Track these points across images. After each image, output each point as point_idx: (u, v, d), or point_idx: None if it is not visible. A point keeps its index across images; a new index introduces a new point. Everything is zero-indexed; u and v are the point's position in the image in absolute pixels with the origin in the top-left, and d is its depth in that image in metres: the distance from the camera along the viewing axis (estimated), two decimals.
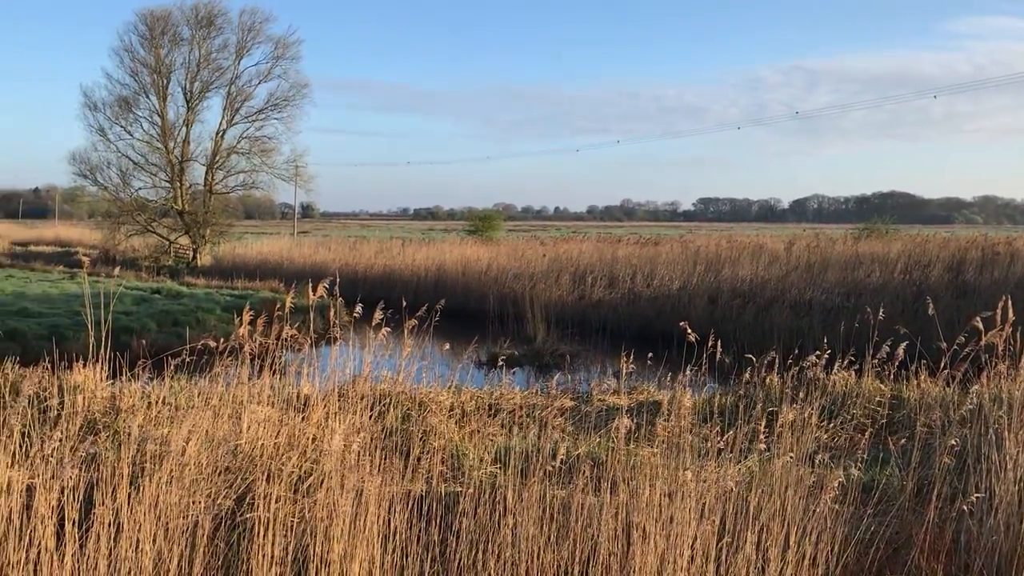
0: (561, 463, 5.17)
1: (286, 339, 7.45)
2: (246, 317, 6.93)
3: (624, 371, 6.23)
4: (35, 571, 3.95)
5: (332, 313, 7.41)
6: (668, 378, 11.14)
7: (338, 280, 7.15)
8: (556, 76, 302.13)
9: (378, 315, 6.52)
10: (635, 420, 6.50)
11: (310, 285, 7.20)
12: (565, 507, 4.89)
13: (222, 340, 7.32)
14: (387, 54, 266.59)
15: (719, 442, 5.23)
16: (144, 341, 13.16)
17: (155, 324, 19.70)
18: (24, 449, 4.93)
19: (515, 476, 5.07)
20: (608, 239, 39.72)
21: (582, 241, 38.32)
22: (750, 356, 6.57)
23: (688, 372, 6.31)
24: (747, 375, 6.22)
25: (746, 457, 5.91)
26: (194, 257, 42.92)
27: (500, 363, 10.83)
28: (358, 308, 7.09)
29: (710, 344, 6.20)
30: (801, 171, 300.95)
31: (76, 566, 3.98)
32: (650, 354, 6.93)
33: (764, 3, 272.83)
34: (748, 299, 22.48)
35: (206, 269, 38.40)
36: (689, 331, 6.04)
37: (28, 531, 4.03)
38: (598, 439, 7.85)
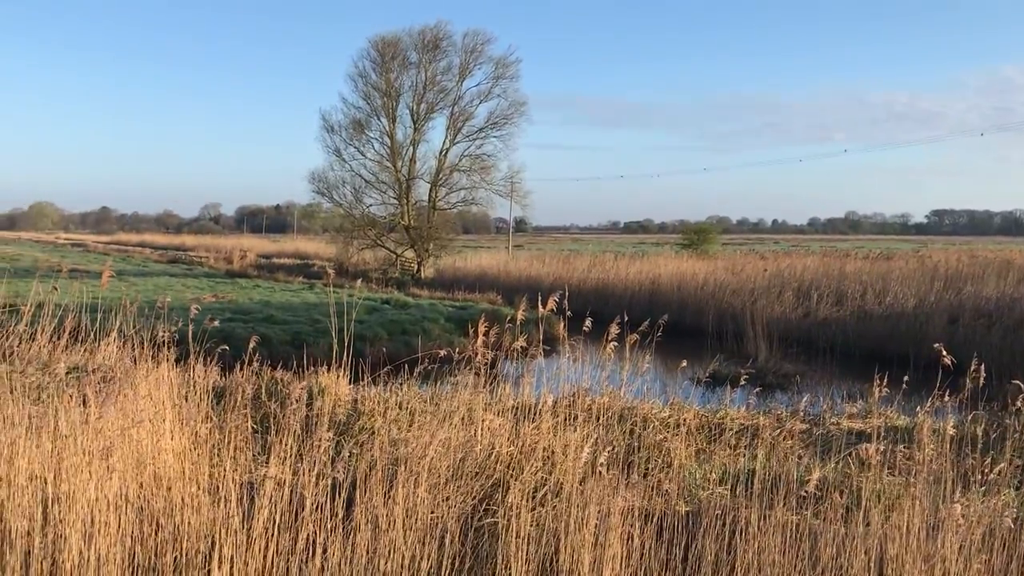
0: (804, 488, 4.94)
1: (517, 350, 7.63)
2: (481, 328, 7.18)
3: (877, 395, 5.86)
4: (305, 561, 4.26)
5: (562, 327, 7.53)
6: (908, 402, 10.43)
7: (553, 293, 7.25)
8: (773, 84, 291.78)
9: (614, 329, 6.53)
10: (877, 446, 6.12)
11: (540, 299, 7.36)
12: (811, 534, 4.66)
13: (456, 350, 7.61)
14: (600, 68, 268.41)
15: (987, 474, 4.80)
16: (385, 348, 13.93)
17: (386, 332, 20.83)
18: (287, 447, 5.33)
19: (754, 499, 4.90)
20: (833, 253, 37.88)
21: (805, 255, 36.77)
22: (1019, 382, 6.00)
23: (945, 397, 5.84)
24: (1019, 403, 5.67)
25: (998, 491, 5.39)
26: (418, 270, 45.05)
27: (728, 381, 10.54)
28: (587, 322, 7.17)
29: (972, 369, 5.70)
30: None
31: (341, 559, 4.26)
32: (905, 377, 6.48)
33: None
34: (994, 319, 20.63)
35: (429, 281, 40.25)
36: (945, 354, 5.60)
37: (297, 524, 4.35)
38: (834, 465, 7.47)
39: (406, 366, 9.50)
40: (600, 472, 4.79)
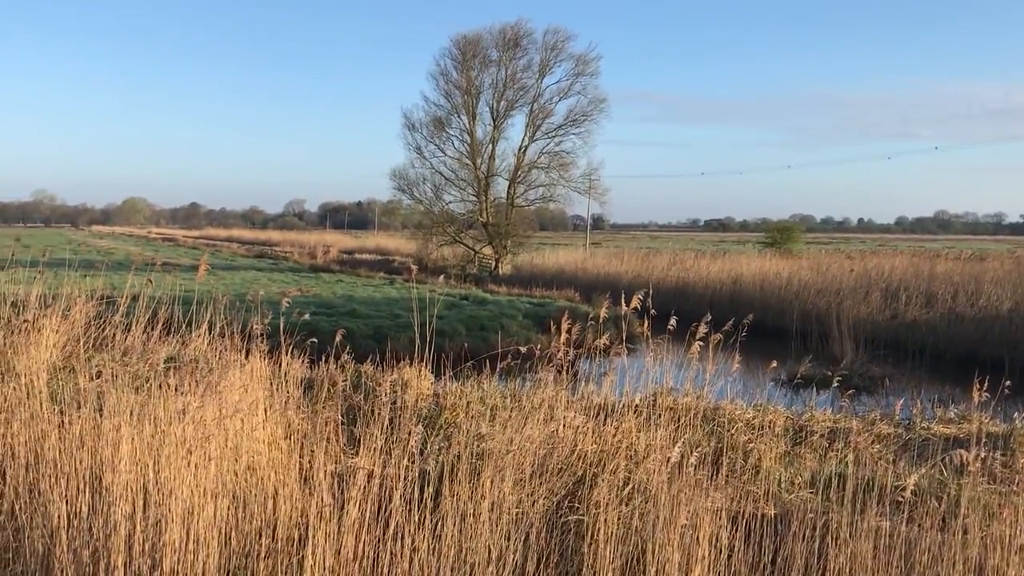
0: (900, 493, 4.81)
1: (598, 348, 7.61)
2: (564, 326, 7.19)
3: (977, 399, 5.67)
4: (395, 555, 4.34)
5: (644, 326, 7.49)
6: (1003, 407, 10.05)
7: (632, 292, 7.19)
8: (858, 80, 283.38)
9: (702, 329, 6.47)
10: (977, 451, 5.91)
11: (622, 297, 7.32)
12: (905, 541, 4.54)
13: (537, 346, 7.63)
14: (679, 64, 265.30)
15: None
16: (465, 344, 14.09)
17: (464, 328, 20.98)
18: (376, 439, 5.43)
19: (845, 503, 4.79)
20: (923, 253, 36.70)
21: (893, 255, 35.70)
22: None
23: None
24: None
25: None
26: (496, 266, 45.25)
27: (814, 383, 10.34)
28: (672, 321, 7.11)
29: None
30: None
31: (429, 551, 4.32)
32: (1007, 382, 6.26)
33: None
34: None
35: (507, 277, 40.38)
36: None
37: (386, 514, 4.43)
38: (927, 470, 7.25)
39: (487, 362, 9.58)
40: (688, 472, 4.75)
